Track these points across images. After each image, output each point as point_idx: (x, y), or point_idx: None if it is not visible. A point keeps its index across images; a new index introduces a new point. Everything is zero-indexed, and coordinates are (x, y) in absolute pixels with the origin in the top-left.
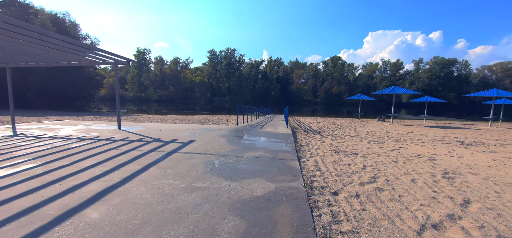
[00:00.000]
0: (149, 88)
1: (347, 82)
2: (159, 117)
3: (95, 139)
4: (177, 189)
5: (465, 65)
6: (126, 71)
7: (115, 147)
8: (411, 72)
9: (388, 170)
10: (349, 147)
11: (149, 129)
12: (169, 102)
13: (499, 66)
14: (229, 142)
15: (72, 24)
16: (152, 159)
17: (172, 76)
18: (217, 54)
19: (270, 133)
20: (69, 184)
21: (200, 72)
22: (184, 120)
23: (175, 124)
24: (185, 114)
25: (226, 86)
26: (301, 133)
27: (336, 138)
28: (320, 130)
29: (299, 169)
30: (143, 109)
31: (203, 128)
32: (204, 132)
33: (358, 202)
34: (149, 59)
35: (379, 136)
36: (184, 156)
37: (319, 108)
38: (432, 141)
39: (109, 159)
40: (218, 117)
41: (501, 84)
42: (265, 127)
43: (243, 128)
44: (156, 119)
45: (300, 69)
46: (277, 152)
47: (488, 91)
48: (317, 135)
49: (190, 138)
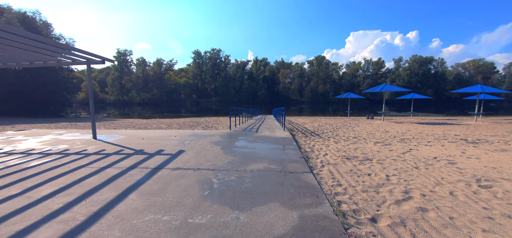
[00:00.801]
0: (131, 91)
1: (332, 81)
2: (143, 122)
3: (62, 153)
4: (166, 231)
5: (441, 63)
6: (106, 74)
7: (86, 164)
8: (392, 70)
9: (415, 180)
10: (358, 151)
11: (130, 138)
12: (153, 104)
13: (472, 64)
14: (226, 151)
15: (43, 23)
16: (132, 181)
17: (155, 78)
18: (202, 55)
19: (268, 138)
20: (5, 231)
21: (185, 74)
22: (170, 124)
23: (160, 131)
24: (170, 117)
25: (212, 87)
26: (300, 136)
27: (338, 140)
28: (318, 132)
29: (318, 185)
30: (125, 113)
31: (192, 134)
32: (194, 139)
33: (409, 234)
34: (131, 60)
35: (381, 137)
36: (174, 174)
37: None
38: (437, 141)
39: (75, 183)
40: (206, 120)
41: (474, 80)
42: (260, 130)
43: (237, 133)
44: (139, 125)
45: (286, 69)
46: (284, 162)
47: (474, 87)
48: (318, 137)
49: (178, 147)
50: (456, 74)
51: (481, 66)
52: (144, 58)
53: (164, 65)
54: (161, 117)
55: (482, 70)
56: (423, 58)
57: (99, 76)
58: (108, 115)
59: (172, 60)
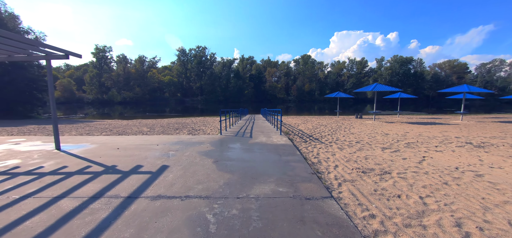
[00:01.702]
0: (111, 89)
1: (318, 80)
2: (122, 123)
3: (7, 173)
4: None
5: (420, 63)
6: (84, 71)
7: (34, 193)
8: (374, 70)
9: (457, 204)
10: (369, 160)
11: (103, 148)
12: (135, 104)
13: (447, 64)
14: (220, 166)
15: (10, 15)
16: (92, 223)
17: (137, 75)
18: (187, 52)
19: (266, 145)
20: None
21: (169, 72)
22: (152, 127)
23: (140, 137)
24: (154, 118)
25: (197, 85)
26: (298, 142)
27: (342, 146)
28: (316, 135)
29: (348, 220)
30: (105, 112)
31: (178, 141)
32: (180, 148)
33: None
34: (111, 57)
35: (384, 140)
36: (153, 208)
37: (292, 106)
38: (444, 145)
39: (6, 230)
40: (192, 121)
41: (450, 79)
42: (254, 134)
43: (229, 138)
44: (118, 127)
45: (272, 67)
46: (295, 182)
47: (460, 87)
48: (318, 143)
49: (161, 161)
50: (433, 74)
51: (456, 67)
52: (125, 55)
53: (146, 62)
54: (143, 117)
55: (456, 70)
56: (404, 58)
57: (76, 74)
58: (86, 115)
59: (155, 58)
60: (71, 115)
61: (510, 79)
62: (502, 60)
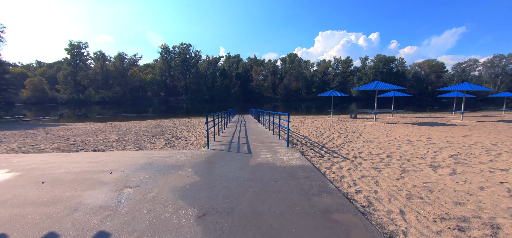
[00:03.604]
0: (88, 88)
1: (305, 79)
2: (91, 128)
3: None
4: None
5: (401, 62)
6: (57, 69)
7: None
8: (359, 69)
9: None
10: (437, 195)
11: (20, 181)
12: (116, 103)
13: (426, 64)
14: (210, 231)
15: None
16: None
17: (117, 74)
18: (170, 50)
19: (277, 169)
20: None
21: (152, 70)
22: (124, 133)
23: (93, 156)
24: (132, 119)
25: (182, 84)
26: (311, 155)
27: (377, 165)
28: (326, 144)
29: None
30: (81, 113)
31: (145, 163)
32: (145, 180)
33: None
34: (87, 54)
35: (417, 152)
36: None
37: (280, 105)
38: (495, 157)
39: None
40: (175, 123)
41: (429, 78)
42: (253, 146)
43: (221, 156)
44: (80, 134)
45: (259, 66)
46: None
47: (461, 85)
48: (339, 158)
49: (99, 221)
50: (414, 73)
51: (434, 66)
52: (102, 52)
53: (127, 59)
54: (121, 119)
55: (435, 70)
56: (387, 57)
57: (48, 71)
58: (55, 118)
59: (136, 55)
60: (39, 118)
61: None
62: (475, 60)
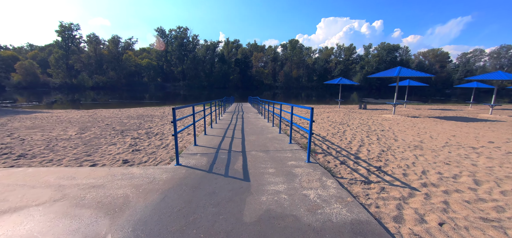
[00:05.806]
0: (81, 72)
1: (306, 66)
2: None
3: None
4: None
5: (406, 50)
6: (49, 52)
7: None
8: (362, 57)
9: None
10: None
11: None
12: (111, 89)
13: (431, 53)
14: None
15: None
16: None
17: (111, 58)
18: (167, 33)
19: (301, 229)
20: None
21: (148, 54)
22: (93, 124)
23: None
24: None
25: (179, 70)
26: (345, 177)
27: (477, 206)
28: (358, 153)
29: None
30: (75, 99)
31: (50, 196)
32: None
33: None
34: (80, 36)
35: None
36: None
37: (280, 92)
38: None
39: None
40: (163, 112)
41: (433, 68)
42: (254, 162)
43: (192, 185)
44: (41, 125)
45: (259, 52)
46: None
47: (493, 74)
48: (397, 185)
49: None
50: (418, 62)
51: (438, 56)
52: (96, 35)
53: (121, 43)
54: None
55: (439, 59)
56: (391, 45)
57: (39, 55)
58: (53, 103)
59: (131, 38)
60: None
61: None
62: (481, 50)
